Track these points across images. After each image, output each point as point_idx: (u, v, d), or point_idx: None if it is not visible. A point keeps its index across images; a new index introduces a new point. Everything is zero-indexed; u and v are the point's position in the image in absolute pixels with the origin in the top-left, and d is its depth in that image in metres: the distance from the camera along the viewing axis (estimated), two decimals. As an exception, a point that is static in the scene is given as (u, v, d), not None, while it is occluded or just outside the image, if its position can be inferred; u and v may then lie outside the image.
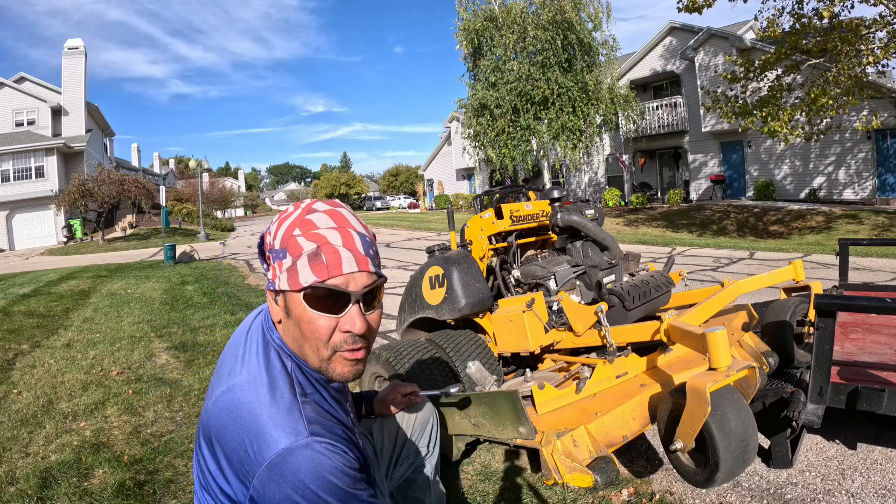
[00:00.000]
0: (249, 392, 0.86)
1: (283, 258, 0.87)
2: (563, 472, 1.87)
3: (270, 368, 0.90)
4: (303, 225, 0.87)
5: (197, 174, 26.54)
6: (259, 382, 0.87)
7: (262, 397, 0.85)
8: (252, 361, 0.91)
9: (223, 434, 0.85)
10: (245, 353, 0.94)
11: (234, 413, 0.85)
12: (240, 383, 0.88)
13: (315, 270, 0.85)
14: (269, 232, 0.91)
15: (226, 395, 0.88)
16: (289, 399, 0.86)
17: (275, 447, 0.79)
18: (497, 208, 3.31)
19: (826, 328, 2.11)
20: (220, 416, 0.86)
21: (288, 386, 0.88)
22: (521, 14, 18.39)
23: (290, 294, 0.88)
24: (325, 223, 0.88)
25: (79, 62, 28.54)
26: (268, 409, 0.83)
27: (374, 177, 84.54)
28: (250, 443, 0.81)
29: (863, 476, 2.36)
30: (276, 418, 0.82)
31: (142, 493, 2.58)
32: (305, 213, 0.89)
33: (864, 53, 10.74)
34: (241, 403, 0.85)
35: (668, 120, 21.64)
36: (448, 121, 34.57)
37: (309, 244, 0.86)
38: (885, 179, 16.29)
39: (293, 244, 0.87)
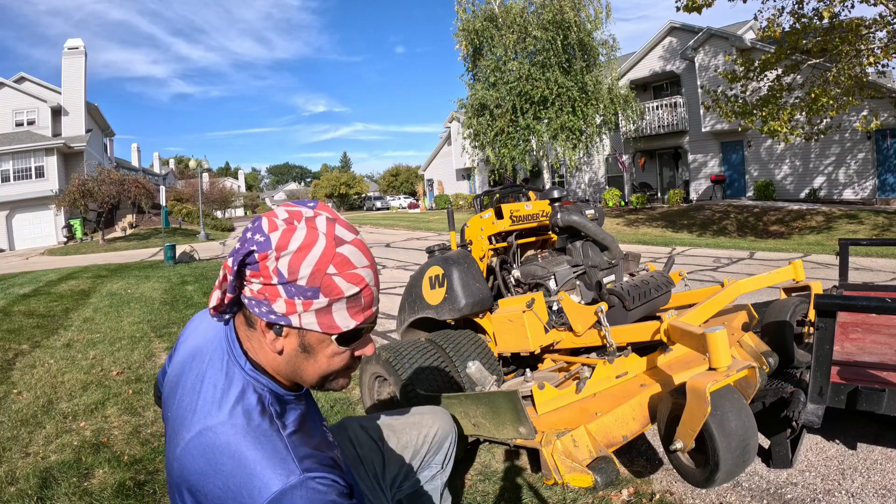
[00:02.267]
0: (227, 434, 0.78)
1: (315, 298, 0.77)
2: (563, 472, 1.87)
3: (246, 403, 0.81)
4: (338, 262, 0.77)
5: (197, 174, 26.54)
6: (235, 422, 0.79)
7: (242, 438, 0.77)
8: (220, 398, 0.82)
9: (204, 483, 0.76)
10: (208, 387, 0.84)
11: (212, 459, 0.77)
12: (212, 425, 0.79)
13: (353, 314, 0.80)
14: (274, 256, 0.76)
15: (198, 439, 0.79)
16: (272, 435, 0.78)
17: (267, 492, 0.72)
18: (497, 208, 3.31)
19: (826, 328, 2.11)
20: (196, 464, 0.78)
21: (268, 421, 0.80)
22: (520, 14, 18.39)
23: (314, 333, 0.81)
24: (361, 261, 0.80)
25: (79, 62, 28.54)
26: (252, 450, 0.76)
27: (374, 177, 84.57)
28: (238, 491, 0.73)
29: (863, 476, 2.36)
30: (262, 460, 0.75)
31: (142, 493, 2.58)
32: (334, 244, 0.78)
33: (864, 53, 10.74)
34: (218, 447, 0.77)
35: (668, 120, 21.64)
36: (448, 121, 34.58)
37: (350, 287, 0.78)
38: (885, 179, 16.29)
39: (329, 285, 0.77)
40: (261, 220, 0.80)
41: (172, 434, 0.87)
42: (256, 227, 0.79)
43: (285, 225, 0.78)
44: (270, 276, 0.76)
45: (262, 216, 0.81)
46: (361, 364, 3.10)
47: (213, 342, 0.91)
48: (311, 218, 0.80)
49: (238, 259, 0.78)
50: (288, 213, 0.80)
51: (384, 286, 8.54)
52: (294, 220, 0.79)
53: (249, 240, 0.78)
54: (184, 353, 0.97)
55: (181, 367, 0.94)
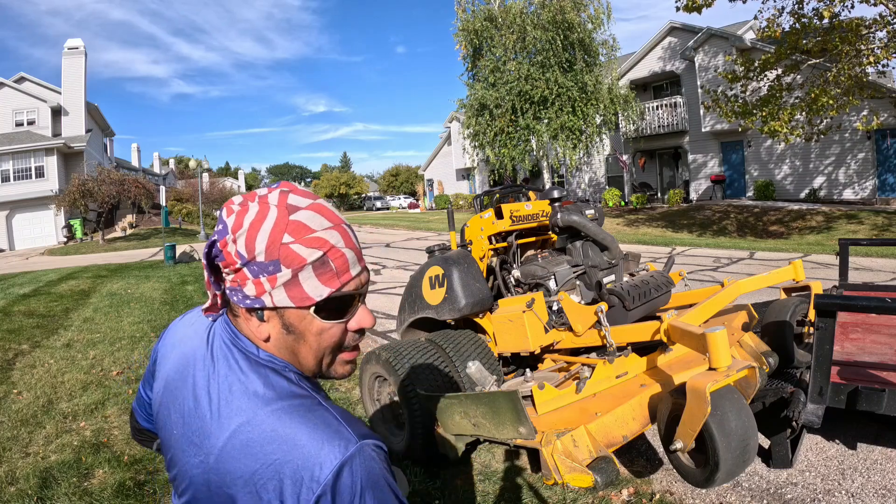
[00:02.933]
0: (268, 421, 0.74)
1: (277, 271, 0.74)
2: (563, 472, 1.87)
3: (276, 386, 0.77)
4: (293, 229, 0.74)
5: (197, 174, 26.54)
6: (273, 406, 0.75)
7: (288, 419, 0.73)
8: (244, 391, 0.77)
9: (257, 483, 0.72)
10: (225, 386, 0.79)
11: (260, 453, 0.72)
12: (248, 419, 0.75)
13: (325, 280, 0.75)
14: (231, 239, 0.74)
15: (235, 438, 0.75)
16: (317, 408, 0.75)
17: (329, 465, 0.69)
18: (497, 208, 3.31)
19: (826, 328, 2.12)
20: (241, 466, 0.73)
21: (308, 394, 0.77)
22: (520, 14, 18.39)
23: (293, 311, 0.77)
24: (320, 224, 0.76)
25: (79, 62, 28.54)
26: (301, 427, 0.72)
27: (374, 177, 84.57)
28: (296, 476, 0.70)
29: (863, 476, 2.36)
30: (315, 434, 0.72)
31: (142, 493, 2.58)
32: (287, 212, 0.75)
33: (864, 53, 10.75)
34: (263, 439, 0.73)
35: (668, 120, 21.64)
36: (448, 121, 34.58)
37: (312, 252, 0.74)
38: (885, 179, 16.29)
39: (289, 255, 0.73)
40: (221, 210, 0.79)
41: (193, 448, 0.80)
42: (219, 218, 0.78)
43: (239, 207, 0.76)
44: (234, 260, 0.74)
45: (223, 206, 0.79)
46: (361, 364, 3.10)
47: (203, 346, 0.87)
48: (264, 196, 0.77)
49: (205, 253, 0.78)
50: (243, 197, 0.79)
51: (384, 286, 8.53)
52: (248, 200, 0.77)
53: (215, 231, 0.78)
54: (170, 369, 0.91)
55: (172, 382, 0.88)
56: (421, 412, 2.58)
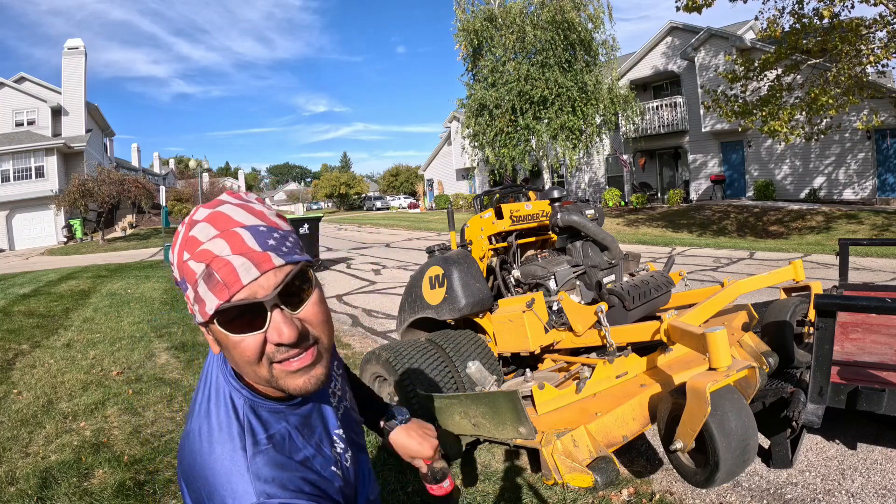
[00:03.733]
0: (199, 441, 0.79)
1: (186, 289, 0.75)
2: (563, 472, 1.87)
3: (218, 414, 0.80)
4: (189, 245, 0.74)
5: (197, 174, 26.55)
6: (208, 431, 0.79)
7: (210, 449, 0.77)
8: (203, 405, 0.83)
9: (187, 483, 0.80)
10: (200, 394, 0.85)
11: (189, 462, 0.79)
12: (192, 429, 0.81)
13: (216, 292, 0.72)
14: (171, 262, 0.78)
15: (184, 440, 0.82)
16: (237, 452, 0.76)
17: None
18: (497, 208, 3.31)
19: (826, 328, 2.12)
20: (183, 462, 0.81)
21: (237, 436, 0.78)
22: (520, 14, 18.39)
23: (210, 326, 0.75)
24: (207, 233, 0.73)
25: (79, 62, 28.55)
26: (216, 462, 0.76)
27: (374, 177, 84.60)
28: (207, 497, 0.75)
29: (863, 476, 2.36)
30: (222, 474, 0.75)
31: (142, 493, 2.58)
32: (188, 229, 0.75)
33: (864, 53, 10.75)
34: (194, 452, 0.79)
35: (668, 120, 21.64)
36: (448, 121, 34.58)
37: (198, 266, 0.72)
38: (885, 179, 16.29)
39: (187, 271, 0.74)
40: None
41: None
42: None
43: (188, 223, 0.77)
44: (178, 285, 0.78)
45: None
46: (361, 364, 3.10)
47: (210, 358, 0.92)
48: (190, 215, 0.78)
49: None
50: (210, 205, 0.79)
51: (384, 286, 8.53)
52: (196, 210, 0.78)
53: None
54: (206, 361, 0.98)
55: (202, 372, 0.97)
56: (421, 412, 2.58)
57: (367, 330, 5.79)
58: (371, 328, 5.87)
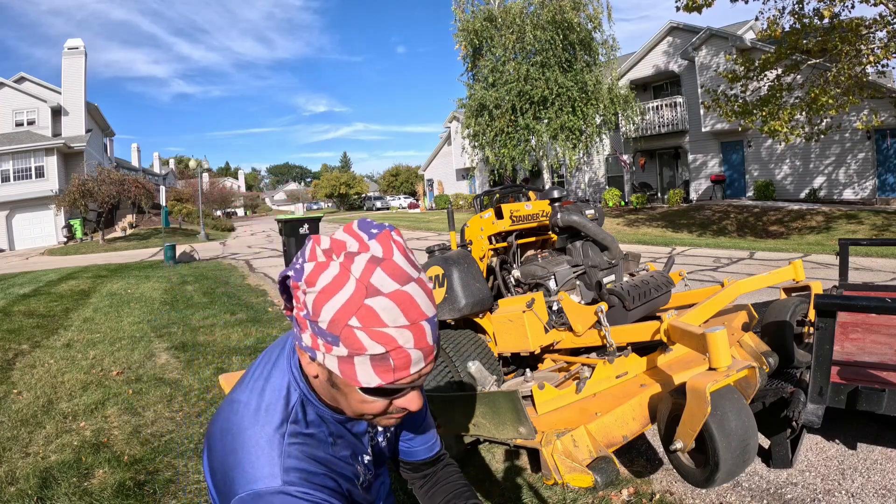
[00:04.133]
0: (242, 414, 0.81)
1: (335, 345, 0.72)
2: (563, 472, 1.87)
3: (274, 396, 0.83)
4: (363, 315, 0.69)
5: (197, 174, 26.55)
6: (254, 408, 0.82)
7: (250, 425, 0.80)
8: (259, 382, 0.85)
9: (214, 448, 0.82)
10: (258, 370, 0.88)
11: (224, 429, 0.82)
12: (240, 400, 0.84)
13: (380, 373, 0.72)
14: (302, 289, 0.73)
15: (225, 406, 0.85)
16: (275, 437, 0.79)
17: (247, 485, 0.75)
18: (497, 208, 3.31)
19: (826, 328, 2.11)
20: (215, 426, 0.84)
21: (280, 421, 0.81)
22: (519, 14, 18.39)
23: (338, 375, 0.76)
24: (394, 319, 0.70)
25: (79, 62, 28.55)
26: (251, 440, 0.78)
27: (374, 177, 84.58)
28: (230, 468, 0.78)
29: (863, 476, 2.36)
30: (254, 452, 0.77)
31: (142, 493, 2.58)
32: (364, 293, 0.69)
33: (864, 53, 10.74)
34: (232, 422, 0.82)
35: (668, 120, 21.63)
36: (448, 121, 34.58)
37: (374, 346, 0.70)
38: (885, 179, 16.29)
39: (350, 337, 0.70)
40: (308, 242, 0.75)
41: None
42: (302, 251, 0.75)
43: (322, 257, 0.72)
44: (301, 306, 0.74)
45: (312, 238, 0.76)
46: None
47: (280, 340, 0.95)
48: (351, 254, 0.71)
49: (280, 278, 0.78)
50: (330, 244, 0.74)
51: (384, 286, 8.53)
52: (333, 253, 0.72)
53: (295, 262, 0.76)
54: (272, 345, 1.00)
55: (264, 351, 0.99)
56: (421, 412, 2.58)
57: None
58: (371, 328, 5.87)
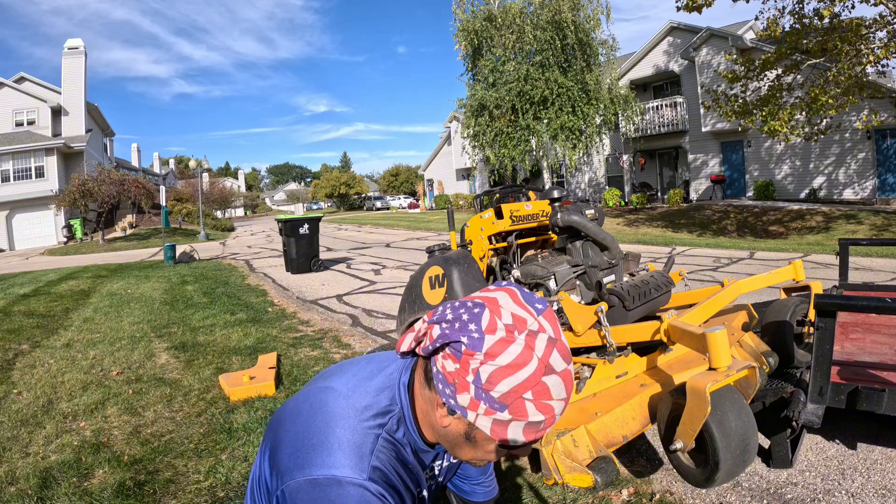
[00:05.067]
0: (340, 403, 0.84)
1: (500, 411, 0.75)
2: (563, 472, 1.87)
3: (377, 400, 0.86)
4: (538, 390, 0.74)
5: (197, 174, 26.55)
6: (356, 402, 0.84)
7: (347, 415, 0.82)
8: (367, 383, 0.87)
9: (292, 423, 0.83)
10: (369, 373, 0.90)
11: (314, 410, 0.83)
12: (340, 390, 0.86)
13: (527, 434, 0.77)
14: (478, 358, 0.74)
15: (319, 392, 0.87)
16: (370, 434, 0.82)
17: (327, 468, 0.76)
18: (497, 208, 3.31)
19: (826, 328, 2.11)
20: (301, 405, 0.85)
21: (377, 423, 0.84)
22: (519, 14, 18.39)
23: (483, 433, 0.79)
24: (560, 394, 0.77)
25: (79, 62, 28.55)
26: (344, 429, 0.80)
27: (374, 177, 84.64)
28: (309, 448, 0.78)
29: (863, 476, 2.36)
30: (343, 441, 0.79)
31: (142, 493, 2.58)
32: (543, 371, 0.75)
33: (864, 53, 10.75)
34: (326, 406, 0.83)
35: (668, 120, 21.64)
36: (448, 121, 34.58)
37: (537, 415, 0.76)
38: (885, 179, 16.30)
39: (520, 408, 0.75)
40: (483, 311, 0.76)
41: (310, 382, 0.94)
42: (475, 317, 0.76)
43: (504, 332, 0.74)
44: (468, 372, 0.75)
45: (485, 306, 0.77)
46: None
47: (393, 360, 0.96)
48: (533, 333, 0.75)
49: (445, 339, 0.78)
50: (512, 319, 0.76)
51: (384, 286, 8.54)
52: (516, 330, 0.75)
53: (464, 326, 0.76)
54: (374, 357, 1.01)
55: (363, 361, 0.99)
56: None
57: (367, 330, 5.79)
58: (371, 328, 5.87)
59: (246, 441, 3.07)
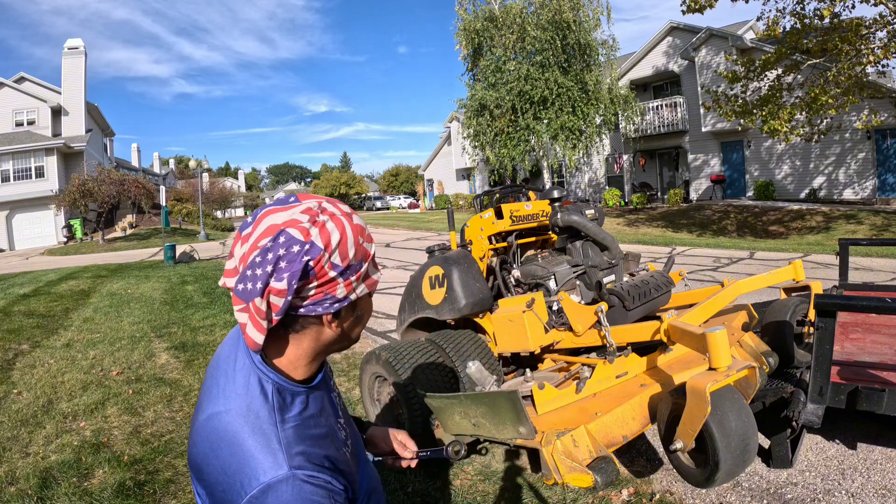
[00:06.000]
0: (228, 421, 0.84)
1: (360, 268, 0.88)
2: (563, 472, 1.87)
3: (250, 395, 0.87)
4: (359, 231, 0.88)
5: (197, 174, 26.56)
6: (238, 411, 0.85)
7: (241, 427, 0.83)
8: (231, 388, 0.89)
9: (207, 465, 0.84)
10: (226, 378, 0.91)
11: (214, 444, 0.83)
12: (219, 411, 0.86)
13: (374, 268, 0.92)
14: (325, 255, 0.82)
15: (206, 423, 0.87)
16: (268, 427, 0.83)
17: (256, 482, 0.77)
18: (497, 208, 3.31)
19: (826, 328, 2.12)
20: (201, 447, 0.85)
21: (267, 412, 0.85)
22: (520, 14, 18.39)
23: (364, 297, 0.92)
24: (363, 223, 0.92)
25: (79, 62, 28.55)
26: (248, 438, 0.82)
27: (374, 177, 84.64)
28: (233, 476, 0.79)
29: (863, 476, 2.36)
30: (256, 449, 0.80)
31: (142, 493, 2.58)
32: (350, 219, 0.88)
33: (864, 53, 10.75)
34: (220, 433, 0.84)
35: (668, 120, 21.64)
36: (448, 121, 34.58)
37: (371, 245, 0.91)
38: (885, 179, 16.29)
39: (363, 252, 0.88)
40: (285, 233, 0.80)
41: (193, 420, 0.94)
42: (287, 242, 0.80)
43: (314, 227, 0.81)
44: (326, 273, 0.82)
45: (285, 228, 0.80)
46: (361, 364, 3.10)
47: (230, 342, 0.98)
48: (327, 210, 0.85)
49: (295, 278, 0.80)
50: (306, 213, 0.83)
51: (384, 286, 8.54)
52: (315, 217, 0.83)
53: (292, 255, 0.79)
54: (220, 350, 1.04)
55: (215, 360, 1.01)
56: (421, 412, 2.58)
57: (367, 330, 5.79)
58: (371, 328, 5.87)
59: (246, 441, 3.07)
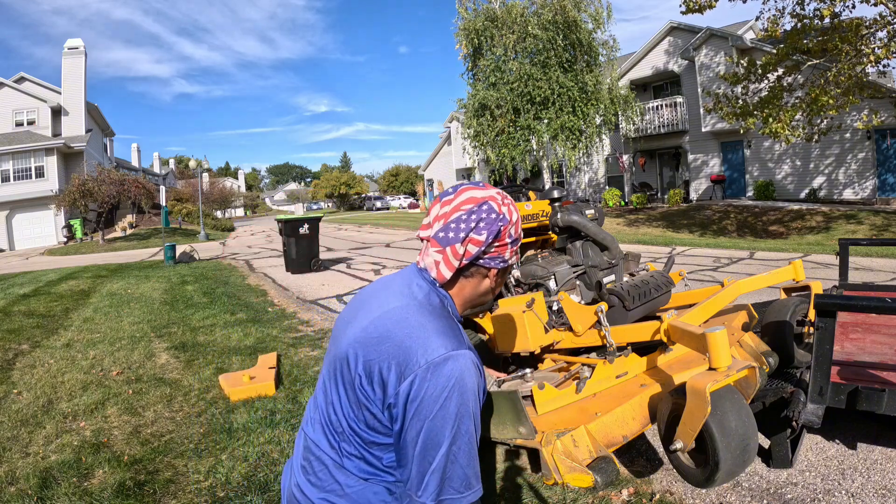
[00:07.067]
0: (412, 310, 1.01)
1: (518, 243, 1.13)
2: (563, 472, 1.87)
3: (427, 297, 1.06)
4: (520, 218, 1.18)
5: (197, 174, 26.55)
6: (423, 304, 1.03)
7: (427, 313, 1.00)
8: (408, 292, 1.06)
9: (383, 341, 0.97)
10: (400, 289, 1.08)
11: (397, 322, 0.99)
12: (401, 305, 1.03)
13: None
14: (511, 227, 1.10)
15: (385, 316, 1.02)
16: (450, 318, 1.04)
17: (440, 350, 0.93)
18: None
19: (826, 328, 2.12)
20: (378, 330, 1.00)
21: (447, 309, 1.06)
22: (521, 14, 18.38)
23: (508, 268, 1.14)
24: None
25: (79, 62, 28.55)
26: (433, 321, 0.99)
27: (374, 176, 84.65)
28: (415, 347, 0.94)
29: (863, 476, 2.36)
30: (441, 329, 0.97)
31: (142, 493, 2.58)
32: (516, 209, 1.13)
33: (864, 53, 10.74)
34: (404, 316, 1.00)
35: (668, 120, 21.63)
36: (448, 121, 34.57)
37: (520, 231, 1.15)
38: (885, 179, 16.29)
39: (520, 233, 1.14)
40: (488, 204, 1.07)
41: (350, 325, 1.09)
42: (489, 210, 1.07)
43: (504, 205, 1.09)
44: (505, 239, 1.09)
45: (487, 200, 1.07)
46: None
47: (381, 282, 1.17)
48: (505, 196, 1.12)
49: (492, 235, 1.07)
50: (499, 195, 1.10)
51: (384, 286, 8.53)
52: (504, 199, 1.10)
53: (491, 220, 1.06)
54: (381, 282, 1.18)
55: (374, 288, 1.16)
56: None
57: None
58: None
59: (246, 441, 3.07)
